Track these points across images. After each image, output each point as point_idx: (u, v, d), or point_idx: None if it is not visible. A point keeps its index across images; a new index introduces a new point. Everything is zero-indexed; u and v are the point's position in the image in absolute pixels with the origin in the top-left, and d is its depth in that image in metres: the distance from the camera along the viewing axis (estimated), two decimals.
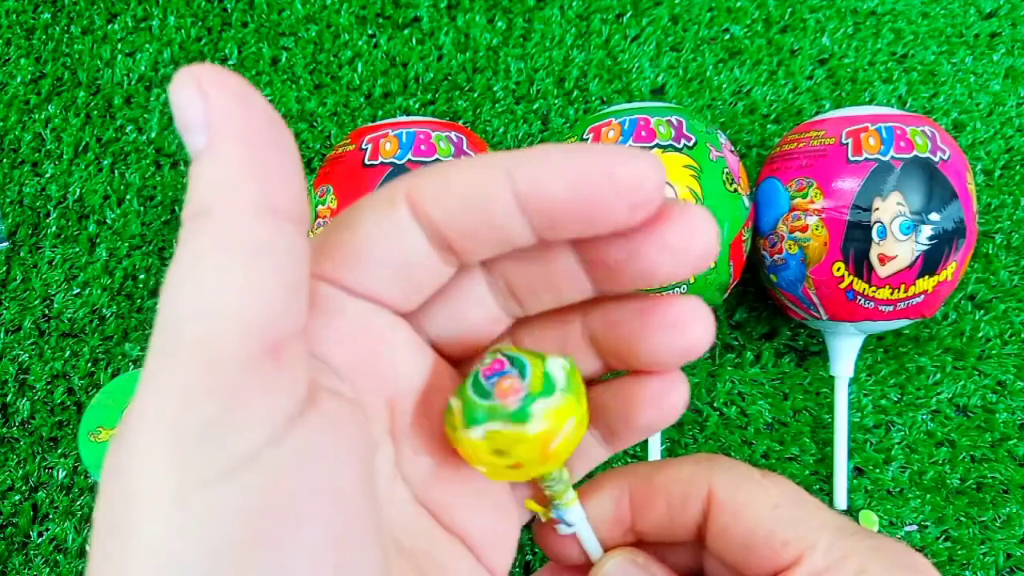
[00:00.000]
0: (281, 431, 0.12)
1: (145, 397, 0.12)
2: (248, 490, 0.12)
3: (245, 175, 0.12)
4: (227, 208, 0.12)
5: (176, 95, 0.12)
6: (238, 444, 0.12)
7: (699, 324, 0.17)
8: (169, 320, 0.12)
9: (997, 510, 0.37)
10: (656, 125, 0.32)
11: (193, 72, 0.12)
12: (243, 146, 0.12)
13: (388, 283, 0.16)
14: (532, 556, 0.36)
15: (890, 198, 0.31)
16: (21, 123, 0.40)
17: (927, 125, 0.32)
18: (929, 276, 0.31)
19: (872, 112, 0.33)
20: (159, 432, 0.12)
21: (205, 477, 0.11)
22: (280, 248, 0.13)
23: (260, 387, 0.12)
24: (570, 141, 0.34)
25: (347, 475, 0.14)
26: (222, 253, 0.12)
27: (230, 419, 0.12)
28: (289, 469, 0.12)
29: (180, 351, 0.12)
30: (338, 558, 0.13)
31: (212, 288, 0.12)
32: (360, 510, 0.14)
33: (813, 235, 0.32)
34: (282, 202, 0.13)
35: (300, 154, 0.40)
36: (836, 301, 0.32)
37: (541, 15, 0.42)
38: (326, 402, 0.14)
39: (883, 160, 0.31)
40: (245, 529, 0.12)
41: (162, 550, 0.11)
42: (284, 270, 0.13)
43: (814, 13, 0.42)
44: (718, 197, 0.31)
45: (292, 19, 0.42)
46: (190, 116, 0.12)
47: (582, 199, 0.15)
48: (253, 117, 0.13)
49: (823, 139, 0.33)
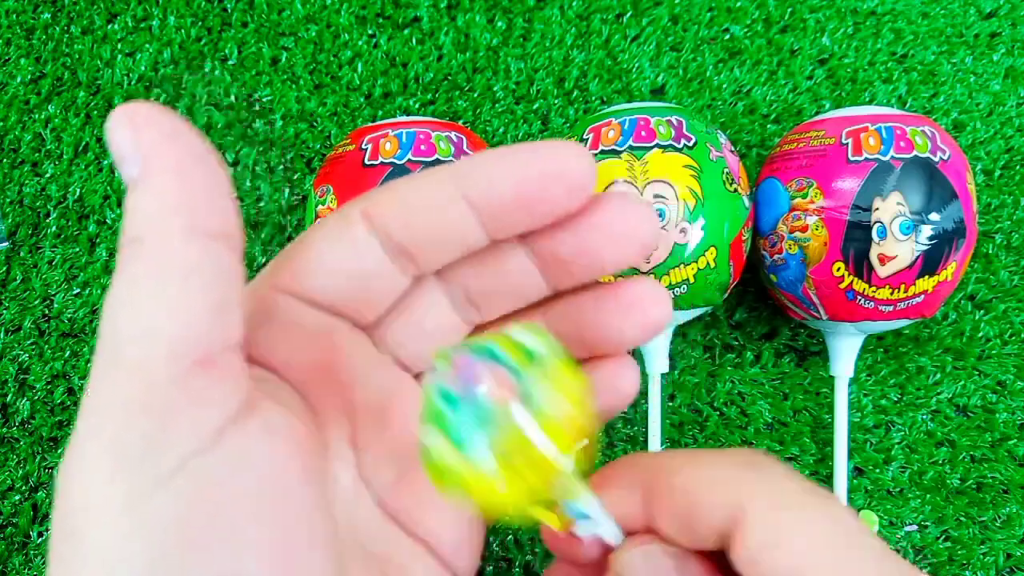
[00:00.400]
0: (212, 440, 0.13)
1: (90, 413, 0.13)
2: (182, 496, 0.13)
3: (174, 204, 0.13)
4: (157, 235, 0.13)
5: (112, 133, 0.13)
6: (171, 454, 0.13)
7: (657, 303, 0.18)
8: (108, 341, 0.13)
9: (997, 510, 0.37)
10: (656, 125, 0.32)
11: (127, 111, 0.13)
12: (172, 177, 0.13)
13: (346, 294, 0.17)
14: (532, 556, 0.36)
15: (890, 198, 0.31)
16: (21, 123, 0.40)
17: (927, 125, 0.32)
18: (929, 276, 0.31)
19: (872, 112, 0.33)
20: (102, 446, 0.13)
21: (144, 486, 0.12)
22: (208, 268, 0.14)
23: (190, 400, 0.13)
24: (569, 140, 0.34)
25: (288, 479, 0.14)
26: (154, 278, 0.13)
27: (164, 432, 0.13)
28: (221, 475, 0.13)
29: (118, 371, 0.13)
30: (282, 558, 0.13)
31: (146, 311, 0.13)
32: (304, 512, 0.14)
33: (813, 235, 0.32)
34: (211, 224, 0.14)
35: (300, 155, 0.40)
36: (836, 301, 0.32)
37: (541, 15, 0.42)
38: (266, 410, 0.14)
39: (883, 160, 0.31)
40: (183, 533, 0.13)
41: (109, 556, 0.12)
42: (213, 288, 0.14)
43: (814, 13, 0.42)
44: (718, 197, 0.31)
45: (292, 19, 0.42)
46: (124, 151, 0.13)
47: (526, 193, 0.16)
48: (183, 150, 0.14)
49: (823, 139, 0.33)
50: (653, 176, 0.31)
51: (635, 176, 0.31)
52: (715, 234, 0.31)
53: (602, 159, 0.31)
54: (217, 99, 0.41)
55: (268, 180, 0.40)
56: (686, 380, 0.38)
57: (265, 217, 0.39)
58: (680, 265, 0.31)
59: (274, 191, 0.40)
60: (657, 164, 0.31)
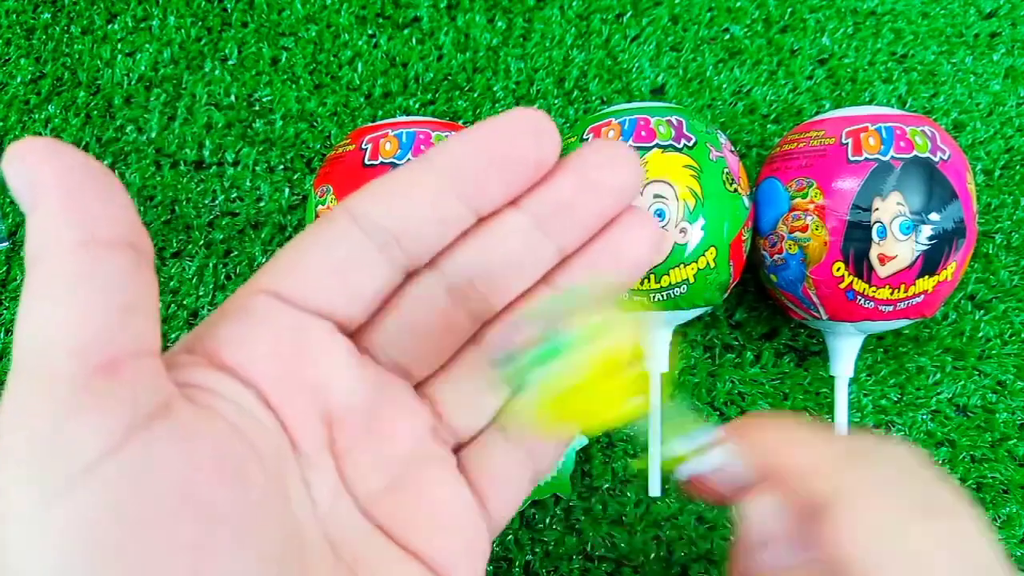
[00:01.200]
0: (117, 443, 0.13)
1: (1, 423, 0.13)
2: (91, 499, 0.13)
3: (64, 219, 0.14)
4: (51, 251, 0.14)
5: (6, 169, 0.14)
6: (77, 458, 0.13)
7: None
8: (15, 353, 0.14)
9: (997, 510, 0.37)
10: (656, 125, 0.32)
11: (15, 148, 0.14)
12: (60, 195, 0.14)
13: (330, 290, 0.17)
14: (532, 556, 0.36)
15: (890, 198, 0.31)
16: (21, 123, 0.40)
17: (927, 125, 0.32)
18: (929, 276, 0.31)
19: (872, 112, 0.33)
20: (15, 454, 0.13)
21: (54, 490, 0.13)
22: (106, 276, 0.14)
23: (94, 405, 0.13)
24: (568, 141, 0.34)
25: (205, 482, 0.14)
26: (49, 290, 0.14)
27: (67, 436, 0.13)
28: (128, 478, 0.13)
29: (23, 381, 0.13)
30: (193, 562, 0.13)
31: (44, 323, 0.14)
32: (226, 516, 0.14)
33: (813, 235, 0.32)
34: (106, 234, 0.14)
35: (300, 155, 0.40)
36: (836, 301, 0.32)
37: (541, 15, 0.42)
38: (182, 413, 0.14)
39: (883, 160, 0.31)
40: (93, 535, 0.13)
41: (23, 560, 0.12)
42: (112, 294, 0.14)
43: (814, 13, 0.42)
44: (718, 197, 0.31)
45: (292, 19, 0.42)
46: (18, 185, 0.14)
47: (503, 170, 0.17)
48: (67, 169, 0.14)
49: (823, 139, 0.33)
50: (653, 176, 0.31)
51: None
52: (715, 234, 0.31)
53: None
54: (217, 99, 0.41)
55: (268, 180, 0.40)
56: (686, 380, 0.38)
57: (265, 217, 0.39)
58: (680, 265, 0.31)
59: (274, 191, 0.40)
60: (657, 164, 0.31)
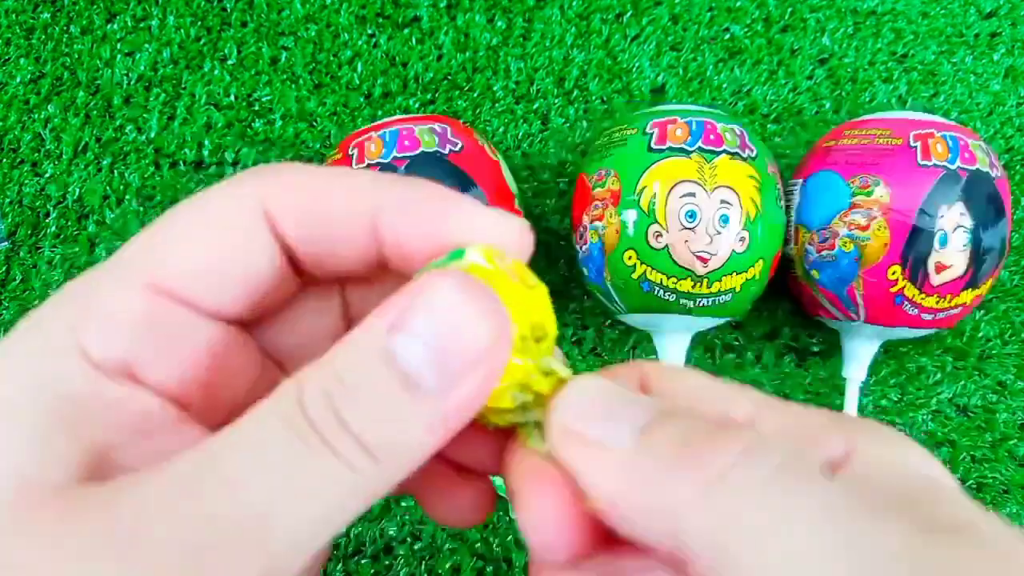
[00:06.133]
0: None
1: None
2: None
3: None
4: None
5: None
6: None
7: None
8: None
9: (997, 510, 0.37)
10: (723, 131, 0.32)
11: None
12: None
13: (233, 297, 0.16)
14: None
15: (954, 207, 0.31)
16: (21, 123, 0.40)
17: (982, 141, 0.33)
18: (971, 289, 0.31)
19: (933, 119, 0.33)
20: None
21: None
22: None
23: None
24: (625, 132, 0.33)
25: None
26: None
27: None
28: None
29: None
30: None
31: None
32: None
33: (873, 235, 0.31)
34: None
35: (300, 154, 0.40)
36: (881, 304, 0.32)
37: (541, 15, 0.42)
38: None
39: (950, 169, 0.31)
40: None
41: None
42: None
43: (814, 13, 0.42)
44: (772, 211, 0.32)
45: (292, 19, 0.41)
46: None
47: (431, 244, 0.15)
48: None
49: (890, 138, 0.32)
50: (721, 181, 0.31)
51: (704, 178, 0.31)
52: (765, 247, 0.31)
53: (669, 156, 0.31)
54: (216, 99, 0.40)
55: None
56: None
57: None
58: (733, 273, 0.31)
59: None
60: (725, 170, 0.31)
